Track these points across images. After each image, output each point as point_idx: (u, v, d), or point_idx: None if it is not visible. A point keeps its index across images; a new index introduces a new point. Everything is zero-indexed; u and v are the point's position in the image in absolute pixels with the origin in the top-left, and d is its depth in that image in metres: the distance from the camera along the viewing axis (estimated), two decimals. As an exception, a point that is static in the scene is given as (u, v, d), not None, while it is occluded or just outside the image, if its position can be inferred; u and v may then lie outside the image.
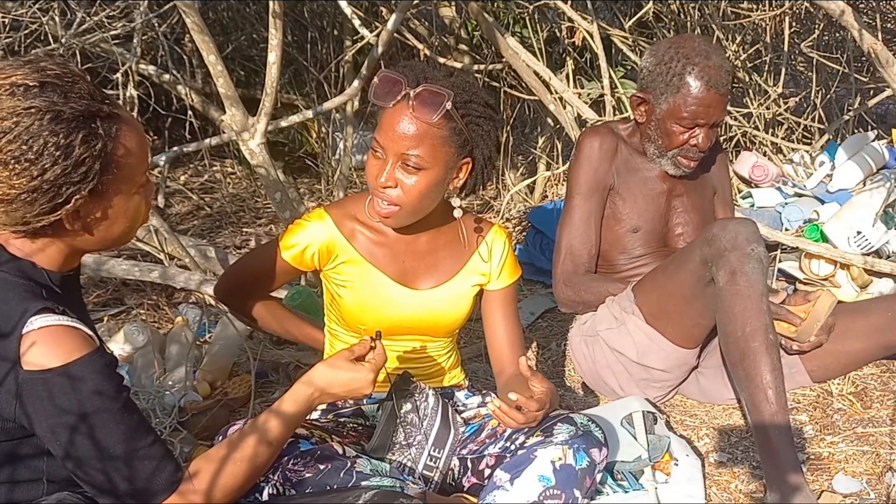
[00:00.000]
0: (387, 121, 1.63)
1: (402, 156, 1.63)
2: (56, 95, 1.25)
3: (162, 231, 2.84)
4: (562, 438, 1.59)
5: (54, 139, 1.24)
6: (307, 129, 4.35)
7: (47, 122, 1.23)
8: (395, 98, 1.62)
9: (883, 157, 3.36)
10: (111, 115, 1.30)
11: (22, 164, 1.23)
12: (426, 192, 1.66)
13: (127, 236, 1.42)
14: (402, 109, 1.61)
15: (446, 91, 1.60)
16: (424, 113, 1.60)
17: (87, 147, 1.26)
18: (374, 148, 1.66)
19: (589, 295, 2.25)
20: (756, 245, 1.92)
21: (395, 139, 1.62)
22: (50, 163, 1.24)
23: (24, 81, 1.24)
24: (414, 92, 1.60)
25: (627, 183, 2.25)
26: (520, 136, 4.52)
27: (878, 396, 2.25)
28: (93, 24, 2.68)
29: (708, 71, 2.09)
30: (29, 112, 1.23)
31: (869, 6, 4.64)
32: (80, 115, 1.26)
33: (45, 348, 1.24)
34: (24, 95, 1.23)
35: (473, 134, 1.67)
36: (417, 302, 1.79)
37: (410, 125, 1.61)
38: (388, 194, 1.65)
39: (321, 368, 1.50)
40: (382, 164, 1.65)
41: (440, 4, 3.86)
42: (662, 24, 3.83)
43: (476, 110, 1.67)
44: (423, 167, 1.63)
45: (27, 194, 1.25)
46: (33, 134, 1.23)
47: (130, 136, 1.33)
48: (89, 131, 1.27)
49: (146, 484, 1.30)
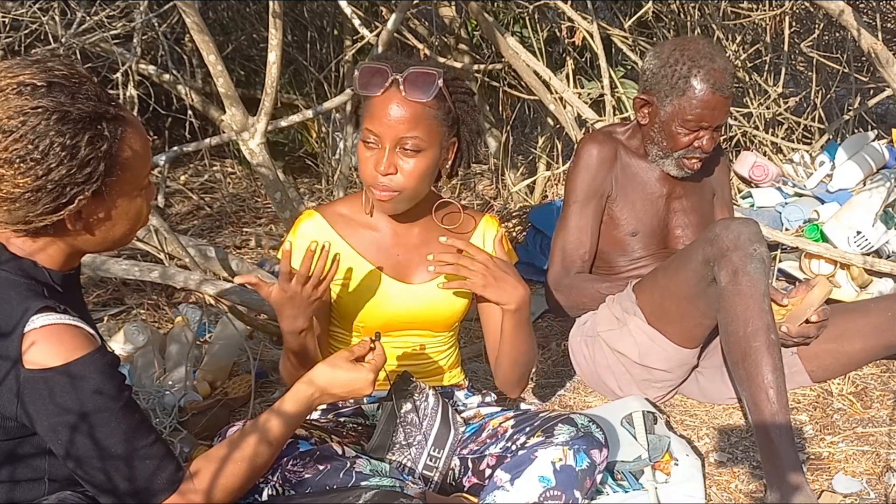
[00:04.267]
0: (378, 108, 1.63)
1: (399, 140, 1.63)
2: (63, 96, 1.25)
3: (162, 231, 2.84)
4: (562, 439, 1.59)
5: (60, 139, 1.24)
6: (307, 129, 4.35)
7: (54, 122, 1.24)
8: (383, 85, 1.62)
9: (883, 156, 3.36)
10: (117, 117, 1.31)
11: (27, 163, 1.23)
12: (426, 173, 1.67)
13: (127, 238, 1.42)
14: (392, 95, 1.62)
15: (435, 70, 1.62)
16: (418, 94, 1.61)
17: (93, 148, 1.27)
18: (365, 139, 1.66)
19: (580, 296, 2.25)
20: (758, 245, 1.92)
21: (390, 125, 1.62)
22: (55, 163, 1.24)
23: (31, 81, 1.24)
24: (402, 76, 1.61)
25: (626, 188, 2.25)
26: (520, 136, 4.53)
27: (878, 396, 2.25)
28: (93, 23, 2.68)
29: (713, 74, 2.09)
30: (36, 111, 1.23)
31: (869, 6, 4.65)
32: (87, 117, 1.26)
33: (47, 347, 1.25)
34: (31, 95, 1.24)
35: (461, 111, 1.70)
36: (412, 296, 1.79)
37: (404, 109, 1.61)
38: (389, 182, 1.65)
39: (322, 368, 1.50)
40: (379, 154, 1.64)
41: (440, 4, 3.86)
42: (662, 24, 3.83)
43: (461, 87, 1.71)
44: (422, 148, 1.64)
45: (31, 193, 1.25)
46: (39, 133, 1.23)
47: (135, 138, 1.34)
48: (95, 132, 1.27)
49: (147, 483, 1.30)
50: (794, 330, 2.11)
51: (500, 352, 1.80)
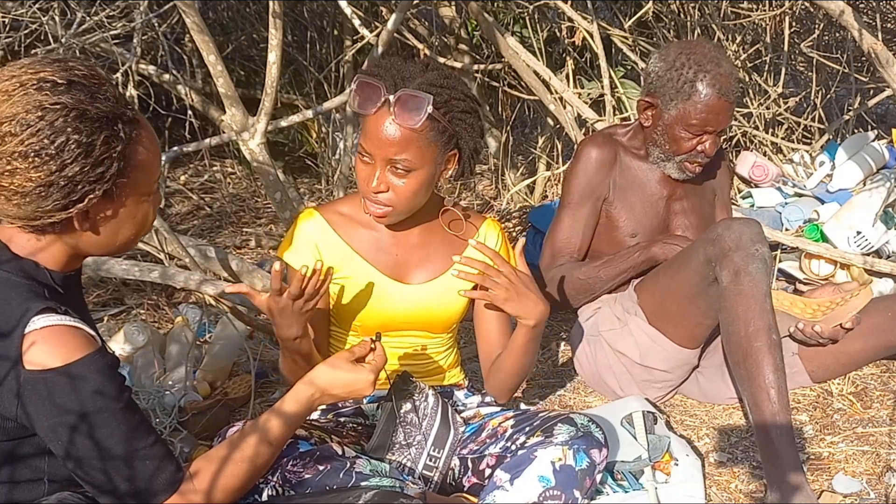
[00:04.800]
0: (371, 127, 1.64)
1: (390, 161, 1.64)
2: (83, 95, 1.26)
3: (162, 231, 2.83)
4: (562, 439, 1.59)
5: (77, 136, 1.25)
6: (307, 129, 4.34)
7: (72, 120, 1.24)
8: (375, 105, 1.62)
9: (883, 157, 3.36)
10: (133, 119, 1.32)
11: (42, 158, 1.24)
12: (417, 191, 1.68)
13: (130, 244, 1.43)
14: (383, 115, 1.62)
15: (425, 95, 1.60)
16: (406, 119, 1.60)
17: (108, 148, 1.27)
18: (360, 153, 1.68)
19: (568, 289, 2.24)
20: (760, 245, 1.92)
21: (381, 146, 1.63)
22: (70, 159, 1.25)
23: (52, 78, 1.25)
24: (394, 97, 1.60)
25: (625, 191, 2.25)
26: (520, 136, 4.52)
27: (878, 396, 2.25)
28: (93, 23, 2.68)
29: (719, 79, 2.10)
30: (55, 108, 1.24)
31: (869, 6, 4.65)
32: (105, 116, 1.27)
33: (47, 348, 1.25)
34: (51, 91, 1.24)
35: (457, 129, 1.69)
36: (410, 297, 1.79)
37: (395, 131, 1.62)
38: (381, 198, 1.67)
39: (322, 369, 1.50)
40: (372, 170, 1.66)
41: (440, 4, 3.86)
42: (662, 24, 3.83)
43: (457, 106, 1.67)
44: (413, 168, 1.65)
45: (43, 188, 1.25)
46: (57, 129, 1.24)
47: (148, 142, 1.35)
48: (111, 133, 1.28)
49: (147, 484, 1.30)
50: (827, 332, 2.11)
51: (501, 361, 1.81)
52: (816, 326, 2.10)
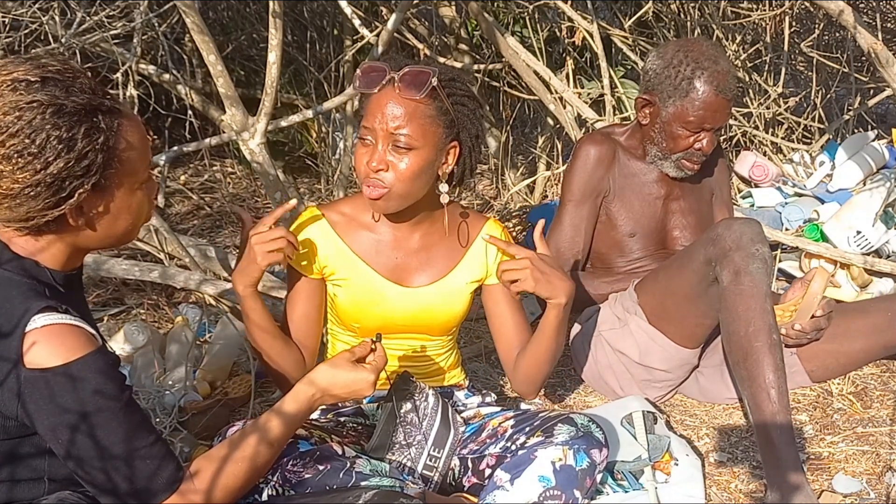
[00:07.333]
0: (373, 105, 1.65)
1: (391, 136, 1.64)
2: (58, 90, 1.26)
3: (162, 231, 2.83)
4: (562, 439, 1.59)
5: (57, 132, 1.24)
6: (307, 129, 4.34)
7: (49, 116, 1.24)
8: (379, 83, 1.65)
9: (883, 156, 3.36)
10: (112, 109, 1.31)
11: (25, 158, 1.24)
12: (417, 172, 1.66)
13: (130, 234, 1.42)
14: (387, 93, 1.64)
15: (430, 69, 1.64)
16: (411, 91, 1.62)
17: (90, 140, 1.27)
18: (362, 136, 1.68)
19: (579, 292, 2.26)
20: (760, 245, 1.92)
21: (383, 121, 1.63)
22: (53, 156, 1.24)
23: (25, 77, 1.25)
24: (398, 74, 1.63)
25: (624, 190, 2.26)
26: (520, 136, 4.52)
27: (878, 396, 2.25)
28: (93, 23, 2.67)
29: (717, 76, 2.10)
30: (31, 106, 1.23)
31: (869, 6, 4.65)
32: (82, 109, 1.27)
33: (47, 347, 1.25)
34: (26, 90, 1.24)
35: (459, 114, 1.70)
36: (411, 300, 1.79)
37: (398, 106, 1.63)
38: (379, 179, 1.65)
39: (323, 369, 1.50)
40: (372, 150, 1.66)
41: (440, 4, 3.86)
42: (662, 24, 3.83)
43: (460, 89, 1.71)
44: (414, 146, 1.64)
45: (31, 188, 1.25)
46: (36, 128, 1.23)
47: (132, 130, 1.34)
48: (91, 125, 1.27)
49: (147, 483, 1.30)
50: (808, 325, 2.11)
51: (531, 350, 1.79)
52: (796, 325, 2.11)
